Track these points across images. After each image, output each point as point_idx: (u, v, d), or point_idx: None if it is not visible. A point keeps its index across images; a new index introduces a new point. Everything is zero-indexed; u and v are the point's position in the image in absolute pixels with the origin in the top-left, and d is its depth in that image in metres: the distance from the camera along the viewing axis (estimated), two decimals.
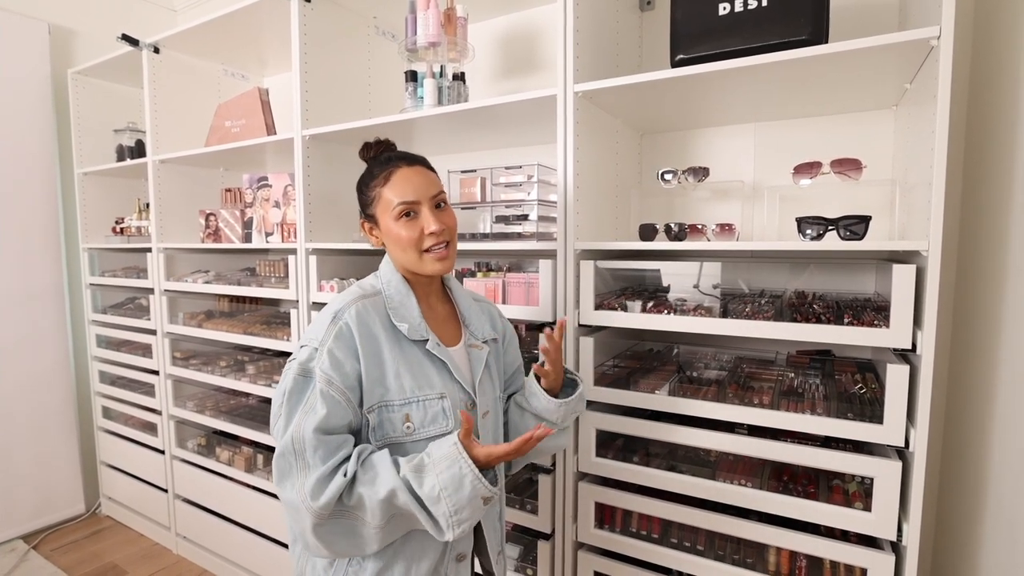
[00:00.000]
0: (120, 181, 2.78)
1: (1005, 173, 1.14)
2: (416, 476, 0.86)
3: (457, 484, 0.85)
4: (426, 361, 0.98)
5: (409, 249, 0.98)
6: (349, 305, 0.95)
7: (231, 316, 2.33)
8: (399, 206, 0.97)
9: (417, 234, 0.98)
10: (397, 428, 0.93)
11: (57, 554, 2.49)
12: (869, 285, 1.47)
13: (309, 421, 0.87)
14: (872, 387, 1.22)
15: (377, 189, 1.00)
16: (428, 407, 0.95)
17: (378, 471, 0.86)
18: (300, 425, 0.87)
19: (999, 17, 1.20)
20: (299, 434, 0.86)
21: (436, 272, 1.00)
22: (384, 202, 0.99)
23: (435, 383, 0.97)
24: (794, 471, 1.29)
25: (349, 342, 0.92)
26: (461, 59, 1.71)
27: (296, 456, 0.86)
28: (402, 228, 0.98)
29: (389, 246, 1.02)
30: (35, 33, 2.51)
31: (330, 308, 0.96)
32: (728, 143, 1.62)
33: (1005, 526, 1.09)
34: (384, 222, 1.00)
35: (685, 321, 1.28)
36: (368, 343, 0.93)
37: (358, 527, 0.88)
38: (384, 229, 1.00)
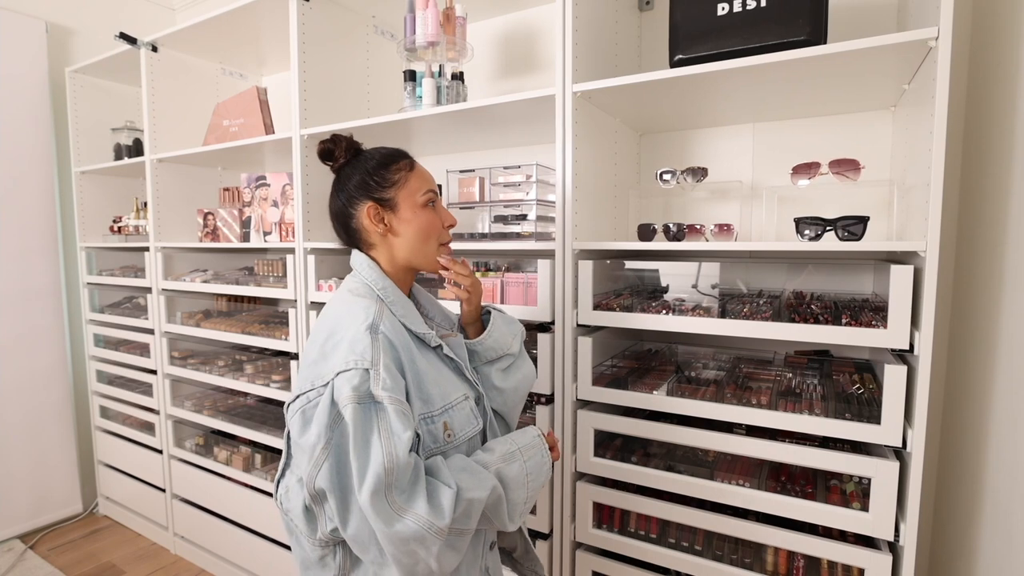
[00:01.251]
0: (118, 180, 2.78)
1: (1003, 174, 1.14)
2: (508, 465, 0.88)
3: (539, 470, 0.90)
4: (443, 365, 0.95)
5: (431, 238, 0.97)
6: (380, 316, 0.88)
7: (229, 315, 2.33)
8: (428, 193, 0.96)
9: (439, 224, 0.98)
10: (439, 439, 0.88)
11: (54, 554, 2.48)
12: (867, 286, 1.47)
13: (399, 445, 0.78)
14: (870, 387, 1.23)
15: (403, 173, 0.96)
16: (460, 411, 0.93)
17: (474, 473, 0.85)
18: (391, 454, 0.77)
19: (997, 18, 1.20)
20: (392, 464, 0.76)
21: (438, 267, 1.00)
22: (411, 187, 0.96)
23: (458, 385, 0.95)
24: (792, 471, 1.29)
25: (395, 356, 0.85)
26: (460, 59, 1.71)
27: (398, 490, 0.77)
28: (430, 215, 0.97)
29: (404, 234, 0.96)
30: (32, 31, 2.50)
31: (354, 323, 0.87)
32: (727, 143, 1.62)
33: (1002, 526, 1.09)
34: (406, 207, 0.95)
35: (683, 321, 1.28)
36: (406, 355, 0.88)
37: (459, 538, 0.83)
38: (405, 215, 0.95)
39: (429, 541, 0.77)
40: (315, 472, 0.81)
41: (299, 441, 0.84)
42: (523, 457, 0.90)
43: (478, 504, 0.82)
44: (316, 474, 0.81)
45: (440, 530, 0.78)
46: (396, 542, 0.77)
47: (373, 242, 0.98)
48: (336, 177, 1.02)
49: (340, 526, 0.82)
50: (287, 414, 0.88)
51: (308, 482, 0.82)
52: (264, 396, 2.08)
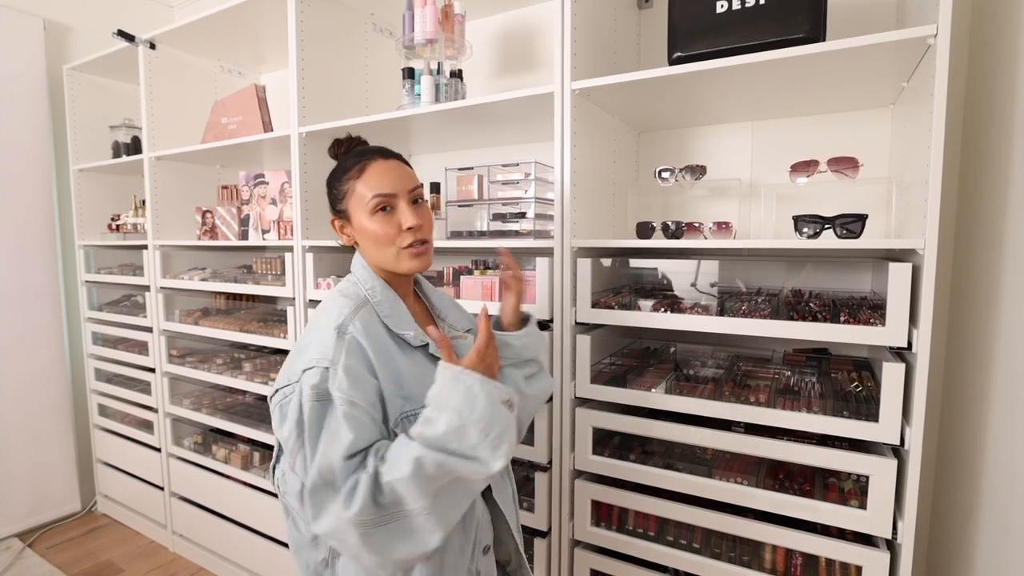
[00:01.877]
0: (116, 178, 2.77)
1: (1001, 171, 1.14)
2: (428, 426, 0.80)
3: (470, 400, 0.80)
4: (429, 365, 0.93)
5: (385, 246, 0.93)
6: (351, 317, 0.88)
7: (227, 313, 2.32)
8: (374, 199, 0.91)
9: (394, 230, 0.92)
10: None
11: (53, 552, 2.48)
12: (865, 283, 1.47)
13: (335, 449, 0.79)
14: (868, 385, 1.23)
15: (350, 183, 0.94)
16: None
17: (394, 452, 0.80)
18: (326, 455, 0.79)
19: (996, 16, 1.20)
20: (327, 464, 0.79)
21: (412, 270, 0.95)
22: (357, 196, 0.93)
23: None
24: (790, 469, 1.29)
25: (362, 356, 0.85)
26: (458, 56, 1.70)
27: (328, 487, 0.79)
28: (377, 223, 0.92)
29: (363, 244, 0.96)
30: (30, 28, 2.49)
31: (327, 322, 0.88)
32: (725, 141, 1.62)
33: (999, 523, 1.09)
34: (357, 218, 0.94)
35: (682, 319, 1.28)
36: (381, 355, 0.87)
37: (408, 522, 0.79)
38: (357, 226, 0.94)
39: (347, 532, 0.77)
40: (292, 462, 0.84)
41: (279, 434, 0.87)
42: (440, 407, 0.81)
43: (402, 483, 0.77)
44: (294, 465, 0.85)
45: (351, 519, 0.76)
46: (325, 537, 0.81)
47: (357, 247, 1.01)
48: None
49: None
50: (270, 405, 0.91)
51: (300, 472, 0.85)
52: (262, 394, 2.08)
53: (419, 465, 0.77)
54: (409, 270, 0.95)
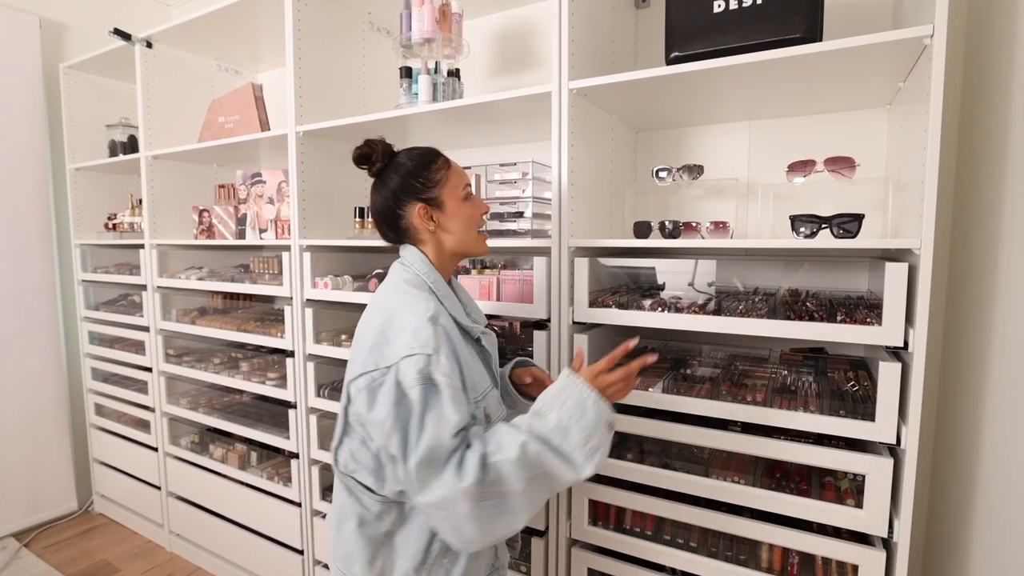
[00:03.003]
0: (112, 177, 2.77)
1: (997, 171, 1.14)
2: (538, 419, 0.89)
3: (581, 409, 0.88)
4: (478, 356, 1.04)
5: (473, 227, 1.06)
6: (438, 308, 0.96)
7: (225, 313, 2.32)
8: (467, 187, 1.06)
9: (479, 213, 1.07)
10: (480, 422, 0.97)
11: (49, 552, 2.47)
12: (862, 283, 1.47)
13: (445, 428, 0.86)
14: (865, 384, 1.23)
15: (443, 171, 1.04)
16: (493, 398, 1.02)
17: (500, 436, 0.88)
18: (436, 434, 0.86)
19: (992, 16, 1.21)
20: (437, 442, 0.86)
21: (485, 252, 1.10)
22: (452, 184, 1.04)
23: (488, 375, 1.04)
24: (787, 468, 1.29)
25: (451, 346, 0.93)
26: (456, 55, 1.70)
27: (438, 462, 0.86)
28: (472, 207, 1.06)
29: (452, 228, 1.04)
30: (26, 27, 2.48)
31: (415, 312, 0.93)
32: (723, 141, 1.63)
33: (994, 522, 1.10)
34: (451, 202, 1.04)
35: (679, 319, 1.28)
36: (457, 343, 0.96)
37: (506, 501, 0.87)
38: (451, 210, 1.04)
39: (458, 502, 0.84)
40: (386, 444, 0.90)
41: (368, 416, 0.91)
42: (555, 404, 0.90)
43: (507, 465, 0.85)
44: (387, 446, 0.90)
45: (464, 490, 0.83)
46: (432, 507, 0.86)
47: (423, 238, 1.06)
48: (377, 180, 1.07)
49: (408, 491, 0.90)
50: (350, 389, 0.96)
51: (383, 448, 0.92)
52: (260, 394, 2.08)
53: (524, 451, 0.86)
54: (483, 252, 1.10)
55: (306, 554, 2.00)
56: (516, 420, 0.93)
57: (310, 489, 1.94)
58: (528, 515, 0.89)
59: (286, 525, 2.02)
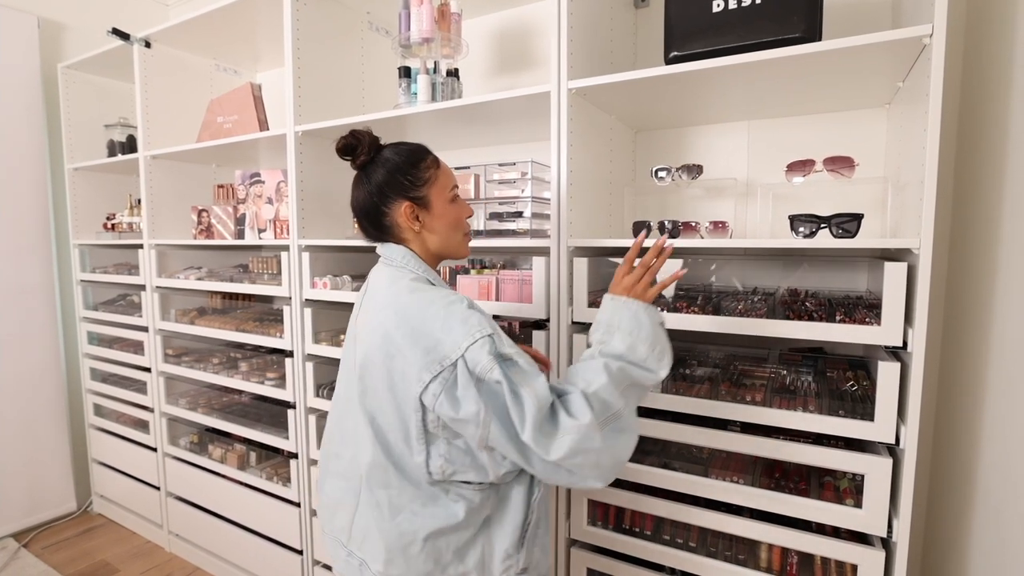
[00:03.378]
0: (111, 177, 2.76)
1: (996, 171, 1.14)
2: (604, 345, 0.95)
3: (637, 323, 0.94)
4: None
5: (457, 230, 1.05)
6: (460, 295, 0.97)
7: (224, 313, 2.32)
8: (455, 188, 1.04)
9: (465, 215, 1.07)
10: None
11: (48, 552, 2.47)
12: (861, 283, 1.47)
13: (540, 389, 0.87)
14: (864, 384, 1.23)
15: (432, 170, 1.02)
16: None
17: (583, 371, 0.92)
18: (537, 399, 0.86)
19: (992, 15, 1.20)
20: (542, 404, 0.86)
21: (467, 255, 1.10)
22: (440, 184, 1.02)
23: None
24: (786, 468, 1.29)
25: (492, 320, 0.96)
26: (455, 55, 1.70)
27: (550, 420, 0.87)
28: (458, 208, 1.05)
29: (437, 229, 1.03)
30: (24, 26, 2.48)
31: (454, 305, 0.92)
32: (722, 141, 1.62)
33: (993, 521, 1.10)
34: (439, 203, 1.02)
35: (678, 319, 1.28)
36: None
37: (620, 421, 0.91)
38: (438, 210, 1.02)
39: (587, 440, 0.86)
40: (485, 433, 0.88)
41: (459, 416, 0.89)
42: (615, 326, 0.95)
43: (604, 390, 0.89)
44: (487, 435, 0.88)
45: (591, 423, 0.85)
46: (567, 459, 0.86)
47: (406, 237, 1.04)
48: (360, 174, 1.04)
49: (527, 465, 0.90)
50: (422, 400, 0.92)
51: (481, 443, 0.90)
52: (259, 394, 2.08)
53: (609, 372, 0.90)
54: (465, 255, 1.10)
55: (305, 554, 2.00)
56: (585, 352, 0.97)
57: (309, 489, 1.94)
58: (637, 427, 0.94)
59: (285, 525, 2.02)
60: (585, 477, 0.89)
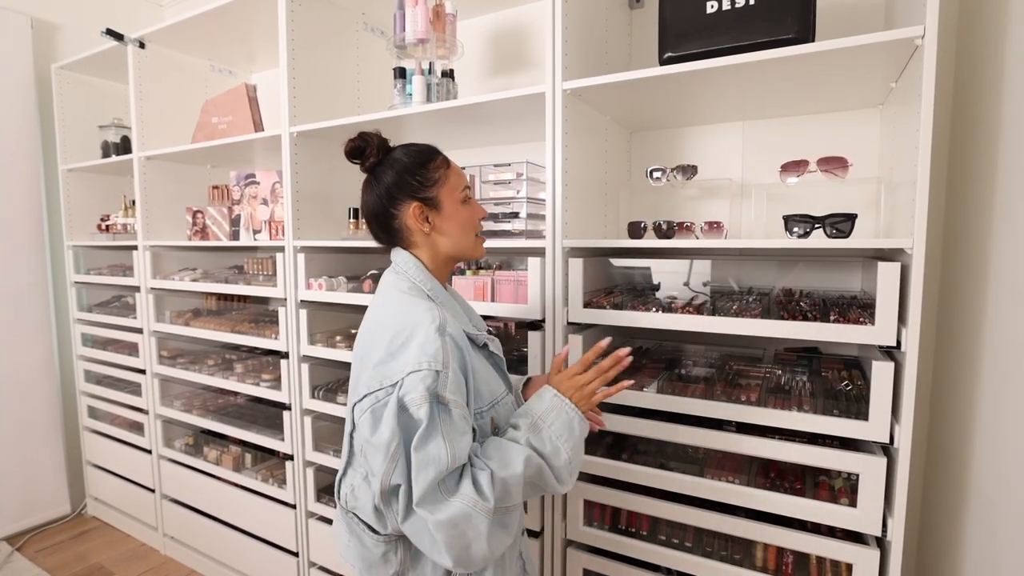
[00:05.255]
0: (105, 178, 2.75)
1: (989, 171, 1.15)
2: (535, 434, 0.90)
3: (569, 429, 0.91)
4: (488, 362, 1.01)
5: (471, 231, 1.01)
6: (444, 317, 0.90)
7: (219, 314, 2.31)
8: (466, 189, 1.01)
9: (477, 217, 1.03)
10: (486, 432, 0.95)
11: (42, 555, 2.46)
12: (855, 282, 1.48)
13: (461, 447, 0.84)
14: (858, 384, 1.23)
15: (442, 171, 0.99)
16: (504, 405, 0.99)
17: (503, 452, 0.88)
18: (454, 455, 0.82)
19: (983, 17, 1.21)
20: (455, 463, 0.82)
21: (482, 255, 1.06)
22: (451, 184, 0.99)
23: (500, 381, 1.01)
24: (781, 468, 1.30)
25: (460, 357, 0.89)
26: (450, 56, 1.70)
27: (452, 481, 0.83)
28: (470, 210, 1.01)
29: (448, 230, 0.99)
30: (17, 27, 2.47)
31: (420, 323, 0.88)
32: (716, 141, 1.63)
33: (987, 520, 1.10)
34: (449, 204, 0.99)
35: (673, 319, 1.28)
36: (465, 353, 0.91)
37: (506, 516, 0.87)
38: (448, 211, 0.99)
39: (476, 520, 0.82)
40: (392, 468, 0.83)
41: (371, 440, 0.85)
42: (546, 423, 0.91)
43: (514, 480, 0.85)
44: (393, 470, 0.83)
45: (486, 509, 0.82)
46: (445, 526, 0.81)
47: (416, 241, 1.00)
48: (369, 176, 1.01)
49: (401, 519, 0.84)
50: (353, 413, 0.90)
51: (384, 479, 0.84)
52: (253, 395, 2.07)
53: (527, 464, 0.87)
54: (480, 256, 1.06)
55: (301, 556, 1.99)
56: (511, 433, 0.92)
57: (305, 491, 1.93)
58: (515, 531, 0.90)
59: (281, 527, 2.01)
60: (441, 552, 0.83)
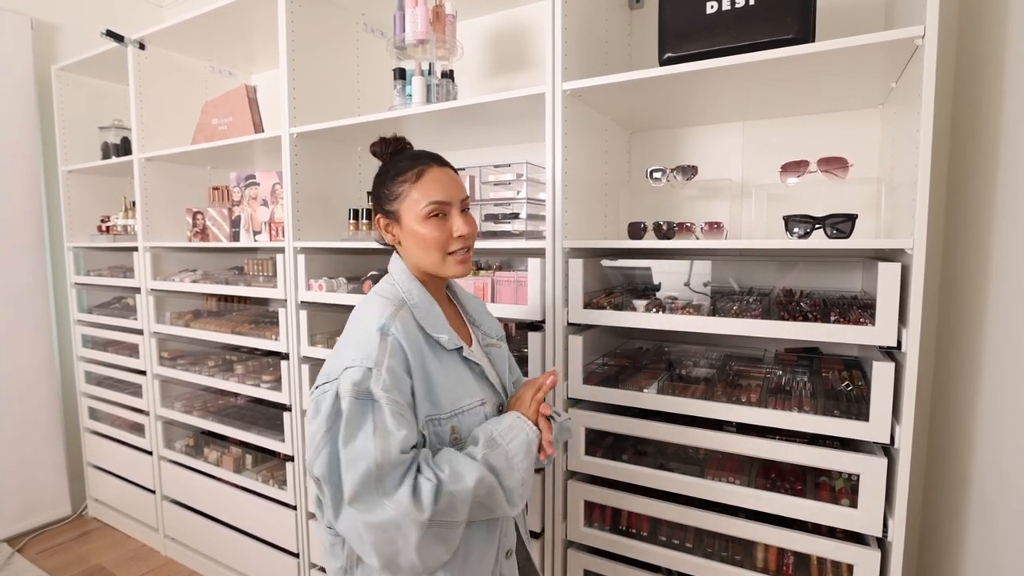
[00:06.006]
0: (105, 179, 2.75)
1: (989, 171, 1.15)
2: (492, 450, 0.88)
3: (527, 449, 0.90)
4: (463, 368, 0.98)
5: (433, 250, 0.96)
6: (392, 318, 0.91)
7: (219, 315, 2.31)
8: (430, 205, 0.94)
9: (445, 236, 0.96)
10: (445, 440, 0.92)
11: (43, 557, 2.46)
12: (856, 283, 1.48)
13: (392, 443, 0.82)
14: (859, 384, 1.23)
15: (405, 186, 0.96)
16: (472, 416, 0.95)
17: (457, 466, 0.86)
18: (384, 450, 0.82)
19: (983, 17, 1.21)
20: (386, 459, 0.81)
21: (457, 275, 0.99)
22: (412, 200, 0.95)
23: (474, 390, 0.97)
24: (781, 468, 1.30)
25: (402, 357, 0.89)
26: (450, 57, 1.70)
27: (382, 481, 0.81)
28: (429, 229, 0.95)
29: (408, 246, 0.98)
30: (17, 28, 2.47)
31: (369, 323, 0.91)
32: (717, 141, 1.63)
33: (988, 521, 1.10)
34: (408, 220, 0.96)
35: (674, 319, 1.28)
36: (416, 357, 0.91)
37: (448, 530, 0.85)
38: (406, 228, 0.97)
39: (406, 528, 0.81)
40: (314, 459, 0.85)
41: (308, 430, 0.88)
42: (504, 440, 0.90)
43: (462, 495, 0.84)
44: (315, 461, 0.85)
45: (419, 520, 0.81)
46: (374, 528, 0.81)
47: (398, 248, 1.02)
48: None
49: (333, 517, 0.85)
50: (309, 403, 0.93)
51: (308, 468, 0.86)
52: (254, 396, 2.07)
53: (479, 483, 0.85)
54: (454, 275, 0.99)
55: (302, 557, 1.99)
56: (469, 448, 0.90)
57: (305, 492, 1.93)
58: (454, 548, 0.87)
59: (282, 528, 2.01)
60: (369, 553, 0.83)
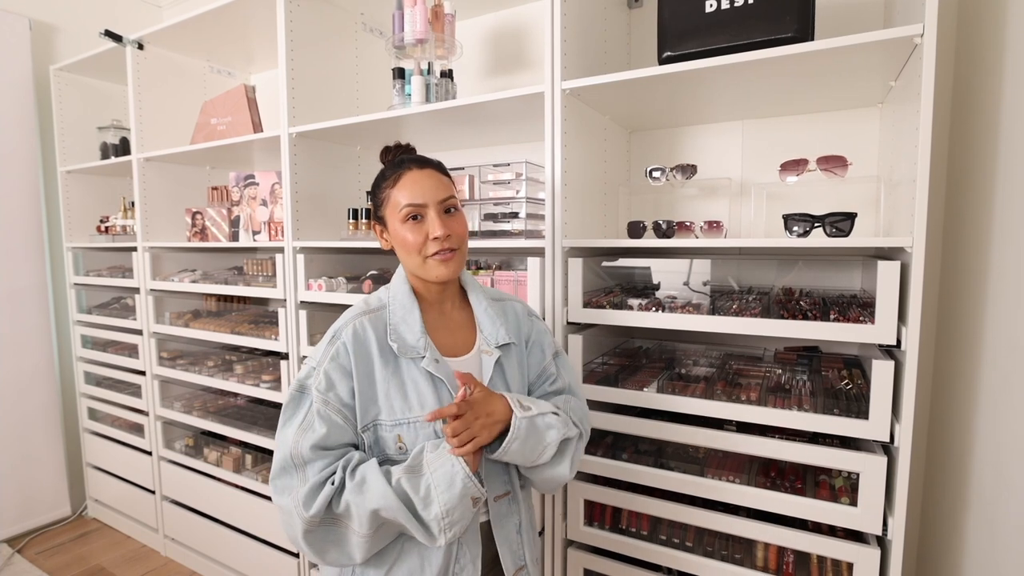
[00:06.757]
0: (104, 179, 2.75)
1: (988, 170, 1.15)
2: (412, 477, 0.87)
3: (448, 482, 0.86)
4: (422, 379, 0.94)
5: (413, 253, 0.96)
6: (347, 324, 0.96)
7: (218, 315, 2.31)
8: (405, 208, 0.95)
9: (422, 238, 0.95)
10: (390, 447, 0.93)
11: (42, 557, 2.45)
12: (855, 281, 1.48)
13: (307, 439, 0.89)
14: (858, 383, 1.23)
15: (387, 191, 0.98)
16: (419, 428, 0.93)
17: (367, 480, 0.86)
18: (298, 442, 0.89)
19: (982, 15, 1.21)
20: (297, 451, 0.89)
21: (439, 277, 0.97)
22: (392, 204, 0.97)
23: (428, 403, 0.93)
24: (781, 467, 1.30)
25: (344, 361, 0.93)
26: (449, 56, 1.70)
27: (296, 469, 0.89)
28: (407, 231, 0.96)
29: (397, 250, 1.01)
30: (16, 28, 2.46)
31: (334, 325, 0.99)
32: (716, 140, 1.63)
33: (987, 518, 1.10)
34: (392, 224, 0.98)
35: (673, 318, 1.28)
36: (362, 362, 0.93)
37: (346, 535, 0.89)
38: (392, 232, 1.00)
39: (294, 520, 0.87)
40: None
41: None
42: (429, 469, 0.87)
43: (360, 510, 0.85)
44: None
45: (303, 516, 0.86)
46: (279, 509, 0.90)
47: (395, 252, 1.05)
48: None
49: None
50: None
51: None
52: (254, 396, 2.07)
53: (382, 506, 0.85)
54: (436, 277, 0.98)
55: (302, 557, 1.99)
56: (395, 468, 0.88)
57: None
58: (365, 556, 0.90)
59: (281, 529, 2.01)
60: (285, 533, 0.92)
